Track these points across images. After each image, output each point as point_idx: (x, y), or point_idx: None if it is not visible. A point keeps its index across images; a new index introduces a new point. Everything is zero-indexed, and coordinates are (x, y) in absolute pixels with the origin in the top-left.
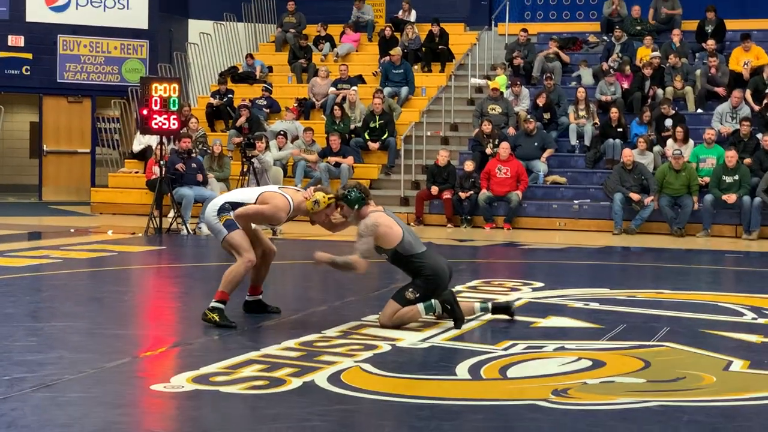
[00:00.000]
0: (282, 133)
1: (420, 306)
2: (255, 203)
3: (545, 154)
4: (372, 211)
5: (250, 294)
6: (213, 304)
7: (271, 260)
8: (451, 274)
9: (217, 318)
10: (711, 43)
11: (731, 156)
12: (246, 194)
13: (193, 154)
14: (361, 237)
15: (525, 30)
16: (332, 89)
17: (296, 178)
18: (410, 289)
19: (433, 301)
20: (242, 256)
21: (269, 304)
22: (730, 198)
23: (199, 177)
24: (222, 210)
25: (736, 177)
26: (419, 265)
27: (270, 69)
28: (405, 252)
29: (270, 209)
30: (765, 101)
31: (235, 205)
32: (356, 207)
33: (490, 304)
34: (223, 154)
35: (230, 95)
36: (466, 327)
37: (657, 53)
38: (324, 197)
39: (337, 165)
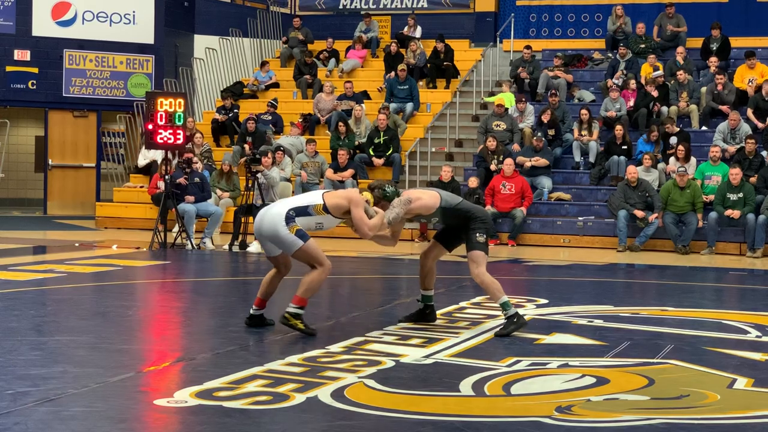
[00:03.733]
0: (281, 148)
1: (503, 299)
2: (324, 204)
3: (527, 163)
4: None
5: (257, 307)
6: (294, 309)
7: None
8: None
9: (301, 325)
10: (714, 60)
11: (735, 174)
12: (306, 198)
13: (197, 168)
14: (392, 207)
15: (529, 47)
16: (337, 102)
17: (296, 193)
18: (476, 234)
19: (512, 305)
20: (323, 265)
21: (267, 318)
22: (734, 214)
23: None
24: (289, 219)
25: (741, 195)
26: (467, 209)
27: (276, 84)
28: (450, 206)
29: (361, 198)
30: None
31: (298, 210)
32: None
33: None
34: (231, 171)
35: (236, 110)
36: (469, 343)
37: (659, 72)
38: (371, 196)
39: (342, 181)
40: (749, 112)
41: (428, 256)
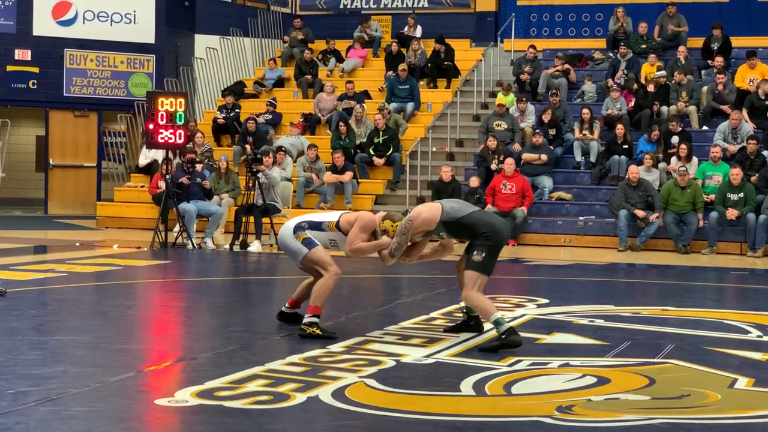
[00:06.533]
0: (282, 149)
1: (495, 316)
2: (338, 221)
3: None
4: None
5: (290, 306)
6: (308, 319)
7: None
8: (507, 231)
9: (318, 331)
10: (719, 60)
11: (736, 174)
12: (325, 215)
13: (198, 168)
14: (396, 236)
15: (533, 46)
16: (337, 102)
17: (298, 194)
18: (474, 252)
19: (505, 322)
20: (328, 270)
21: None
22: (732, 213)
23: (206, 183)
24: (298, 228)
25: (741, 194)
26: (471, 224)
27: (281, 83)
28: (452, 219)
29: (371, 221)
30: None
31: (312, 224)
32: None
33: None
34: (229, 169)
35: (237, 110)
36: (470, 343)
37: (663, 72)
38: (392, 226)
39: (341, 183)
40: (744, 112)
41: (460, 268)
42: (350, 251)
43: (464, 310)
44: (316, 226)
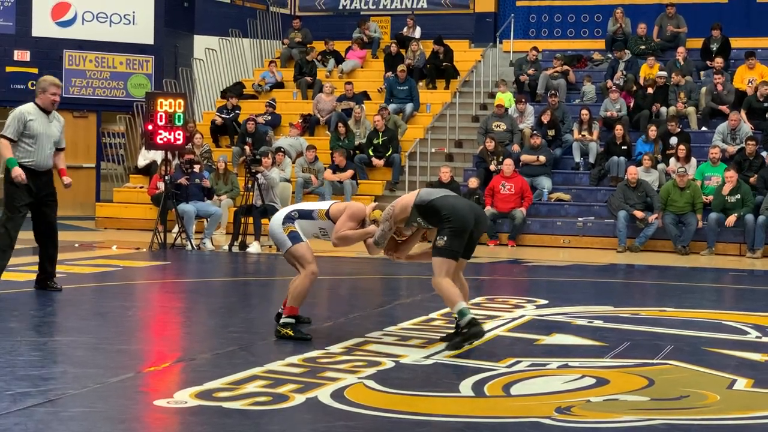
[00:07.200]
0: (281, 149)
1: (459, 306)
2: (328, 210)
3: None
4: None
5: (284, 307)
6: (284, 320)
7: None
8: (479, 218)
9: (291, 332)
10: (719, 61)
11: (730, 176)
12: (316, 204)
13: (197, 169)
14: (380, 223)
15: (536, 48)
16: (337, 103)
17: (296, 195)
18: (437, 238)
19: (469, 313)
20: (305, 269)
21: (301, 315)
22: (730, 220)
23: (206, 182)
24: (288, 219)
25: (738, 196)
26: (438, 206)
27: (281, 84)
28: (424, 202)
29: (360, 210)
30: None
31: (302, 213)
32: None
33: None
34: (228, 170)
35: (237, 111)
36: (468, 344)
37: (663, 72)
38: (379, 215)
39: (341, 182)
40: (742, 113)
41: None
42: (336, 239)
43: (454, 316)
44: (306, 214)
